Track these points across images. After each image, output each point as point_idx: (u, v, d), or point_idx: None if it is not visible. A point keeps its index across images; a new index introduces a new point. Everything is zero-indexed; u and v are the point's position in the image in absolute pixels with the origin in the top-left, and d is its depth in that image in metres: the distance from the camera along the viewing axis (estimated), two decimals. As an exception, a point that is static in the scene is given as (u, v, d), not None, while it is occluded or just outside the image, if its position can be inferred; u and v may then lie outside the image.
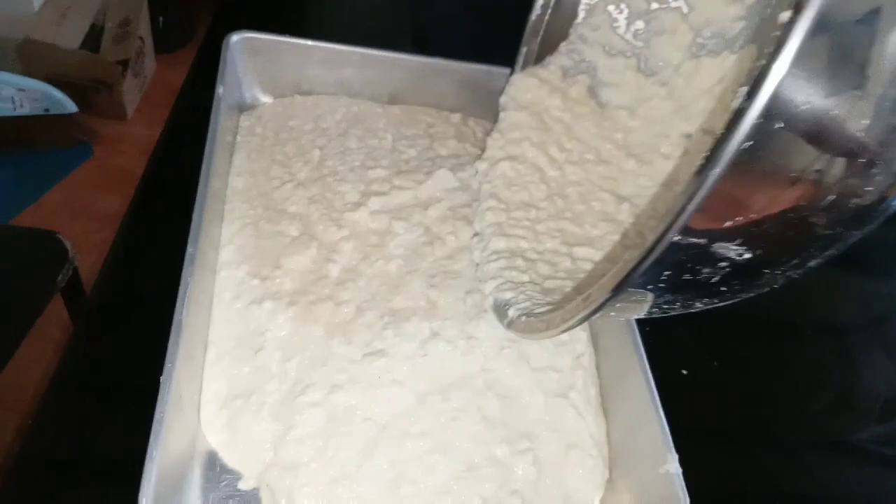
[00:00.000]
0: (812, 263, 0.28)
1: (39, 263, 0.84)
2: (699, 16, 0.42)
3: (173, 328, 0.35)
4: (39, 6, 1.53)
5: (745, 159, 0.21)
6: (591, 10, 0.46)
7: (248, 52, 0.52)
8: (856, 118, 0.22)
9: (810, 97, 0.21)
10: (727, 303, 0.30)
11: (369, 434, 0.39)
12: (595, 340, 0.47)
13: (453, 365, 0.42)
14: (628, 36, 0.44)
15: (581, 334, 0.47)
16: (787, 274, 0.28)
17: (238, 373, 0.40)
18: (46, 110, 1.45)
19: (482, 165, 0.46)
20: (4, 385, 0.81)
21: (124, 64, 1.51)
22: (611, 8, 0.44)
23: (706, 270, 0.25)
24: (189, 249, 0.38)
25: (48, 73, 1.52)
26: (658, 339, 0.46)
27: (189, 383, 0.38)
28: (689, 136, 0.39)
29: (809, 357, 0.55)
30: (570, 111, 0.45)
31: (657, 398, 0.39)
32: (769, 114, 0.20)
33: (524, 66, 0.48)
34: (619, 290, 0.26)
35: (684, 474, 0.36)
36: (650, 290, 0.26)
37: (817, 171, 0.23)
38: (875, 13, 0.21)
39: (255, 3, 0.69)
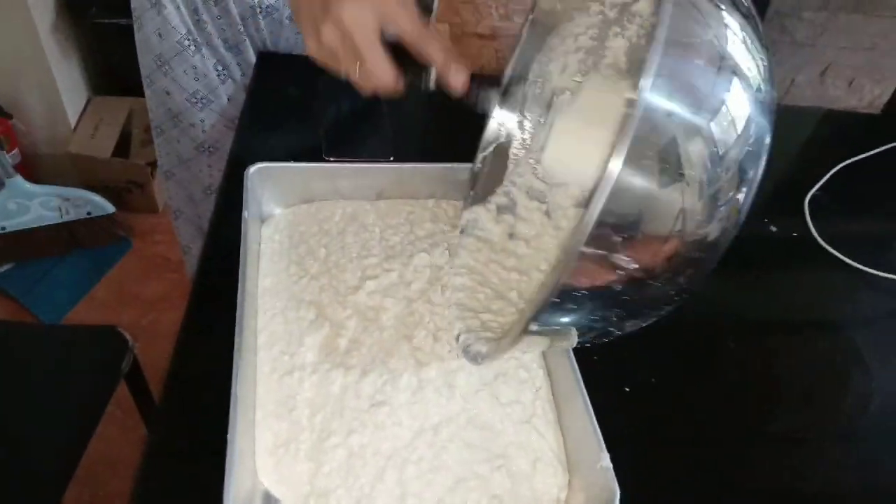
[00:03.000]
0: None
1: (105, 356, 0.98)
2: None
3: (231, 399, 0.48)
4: (75, 123, 1.72)
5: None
6: (517, 163, 0.61)
7: (262, 177, 0.66)
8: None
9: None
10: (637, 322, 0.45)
11: (379, 464, 0.52)
12: (550, 375, 0.60)
13: (439, 408, 0.55)
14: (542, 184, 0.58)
15: (538, 371, 0.60)
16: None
17: (279, 427, 0.53)
18: (88, 213, 1.64)
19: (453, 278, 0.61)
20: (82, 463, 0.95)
21: (152, 165, 1.69)
22: (531, 161, 0.59)
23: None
24: (236, 339, 0.52)
25: (87, 180, 1.70)
26: (604, 362, 0.59)
27: (246, 438, 0.51)
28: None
29: (734, 360, 0.69)
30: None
31: (592, 413, 0.52)
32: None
33: (472, 204, 0.63)
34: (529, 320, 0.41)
35: (626, 473, 0.49)
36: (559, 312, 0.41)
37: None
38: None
39: (269, 136, 0.84)
